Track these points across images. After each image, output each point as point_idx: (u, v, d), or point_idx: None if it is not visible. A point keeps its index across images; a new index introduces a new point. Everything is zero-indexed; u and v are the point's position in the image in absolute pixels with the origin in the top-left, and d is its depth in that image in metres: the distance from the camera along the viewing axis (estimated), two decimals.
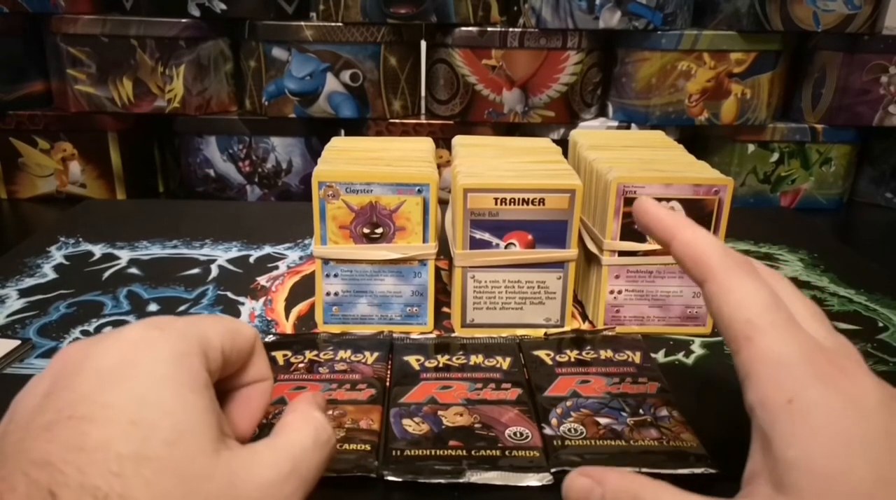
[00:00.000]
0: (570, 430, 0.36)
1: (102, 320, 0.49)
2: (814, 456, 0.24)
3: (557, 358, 0.44)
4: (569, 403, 0.39)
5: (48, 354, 0.45)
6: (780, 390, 0.25)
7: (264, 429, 0.29)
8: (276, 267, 0.59)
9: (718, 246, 0.30)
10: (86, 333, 0.48)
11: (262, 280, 0.57)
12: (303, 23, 0.75)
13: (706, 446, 0.35)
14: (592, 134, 0.57)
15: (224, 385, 0.29)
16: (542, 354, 0.44)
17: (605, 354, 0.44)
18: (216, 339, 0.26)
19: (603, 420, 0.37)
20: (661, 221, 0.32)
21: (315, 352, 0.44)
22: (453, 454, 0.35)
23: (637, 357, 0.44)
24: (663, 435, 0.36)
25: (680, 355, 0.46)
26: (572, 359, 0.44)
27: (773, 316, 0.27)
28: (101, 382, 0.23)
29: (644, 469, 0.34)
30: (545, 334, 0.47)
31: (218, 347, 0.26)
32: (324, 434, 0.27)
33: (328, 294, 0.48)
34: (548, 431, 0.36)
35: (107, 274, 0.57)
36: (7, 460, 0.22)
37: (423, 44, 0.81)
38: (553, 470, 0.34)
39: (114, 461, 0.21)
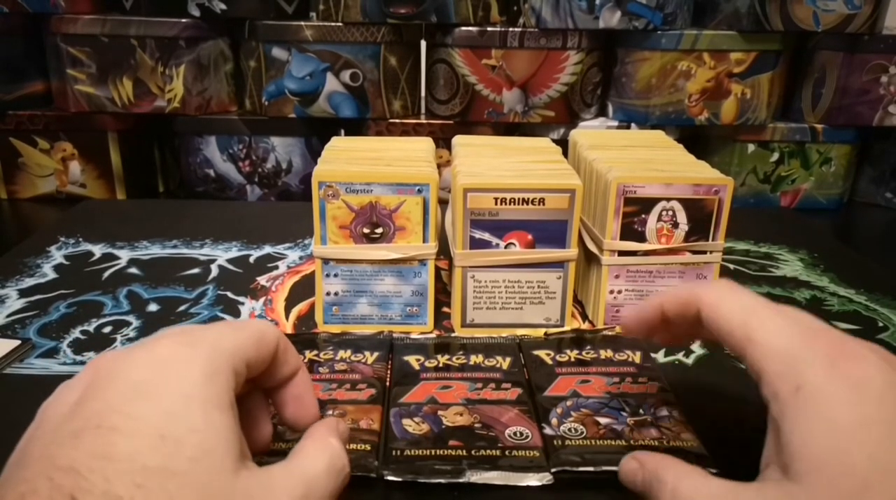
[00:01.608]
0: (570, 430, 0.36)
1: (102, 320, 0.49)
2: (814, 442, 0.24)
3: (557, 358, 0.44)
4: (569, 402, 0.39)
5: (48, 354, 0.45)
6: (788, 380, 0.26)
7: (278, 453, 0.29)
8: (276, 267, 0.59)
9: (697, 283, 0.33)
10: (86, 332, 0.48)
11: (262, 280, 0.57)
12: (303, 23, 0.75)
13: (706, 445, 0.35)
14: (592, 134, 0.57)
15: (260, 384, 0.30)
16: (542, 354, 0.44)
17: (605, 353, 0.44)
18: (243, 353, 0.27)
19: (603, 420, 0.37)
20: (644, 311, 0.34)
21: (315, 352, 0.44)
22: (453, 453, 0.35)
23: (637, 357, 0.44)
24: (663, 435, 0.36)
25: (680, 355, 0.46)
26: (572, 359, 0.44)
27: (764, 313, 0.28)
28: (131, 394, 0.23)
29: None
30: (545, 333, 0.47)
31: (244, 361, 0.27)
32: (338, 462, 0.27)
33: (328, 294, 0.48)
34: (548, 431, 0.36)
35: (107, 274, 0.57)
36: (32, 463, 0.22)
37: (423, 44, 0.81)
38: (553, 470, 0.34)
39: (139, 473, 0.21)
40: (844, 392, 0.25)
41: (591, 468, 0.34)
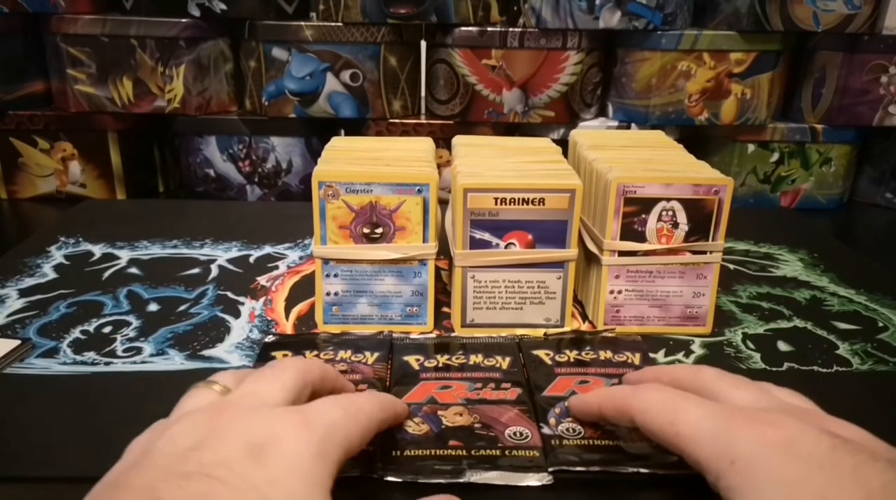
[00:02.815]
0: (568, 430, 0.36)
1: (102, 320, 0.49)
2: None
3: (557, 358, 0.44)
4: (567, 403, 0.39)
5: (48, 354, 0.45)
6: (722, 458, 0.27)
7: None
8: (276, 267, 0.59)
9: (627, 387, 0.35)
10: (86, 332, 0.48)
11: (262, 280, 0.57)
12: (303, 23, 0.75)
13: None
14: (592, 134, 0.57)
15: None
16: (541, 354, 0.44)
17: (605, 354, 0.44)
18: (350, 445, 0.29)
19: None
20: (587, 405, 0.36)
21: (315, 352, 0.44)
22: (453, 453, 0.35)
23: (636, 358, 0.44)
24: None
25: (680, 355, 0.46)
26: (572, 359, 0.44)
27: (685, 406, 0.30)
28: (245, 455, 0.25)
29: (641, 470, 0.34)
30: (545, 334, 0.47)
31: (349, 452, 0.29)
32: (351, 407, 0.29)
33: (328, 294, 0.48)
34: (546, 430, 0.36)
35: (107, 274, 0.57)
36: (132, 489, 0.24)
37: (423, 44, 0.81)
38: (551, 469, 0.34)
39: None
40: (775, 456, 0.26)
41: (588, 468, 0.34)
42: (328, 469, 0.27)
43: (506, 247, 0.46)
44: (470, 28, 0.76)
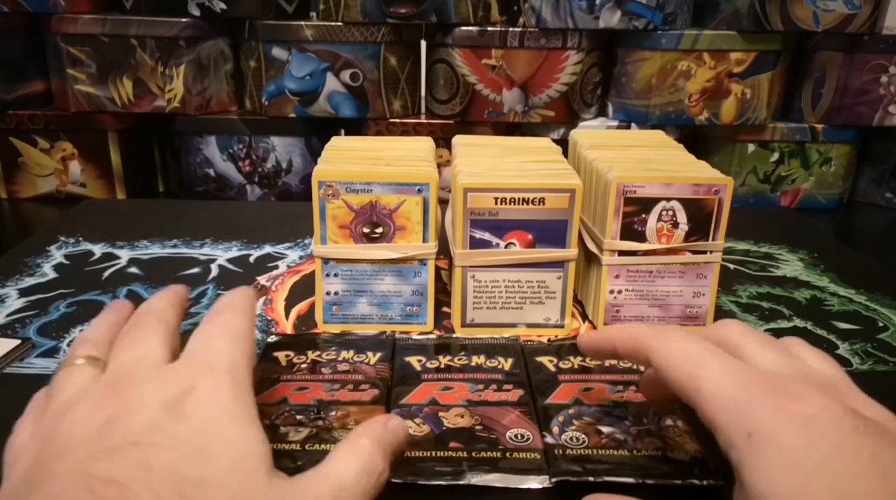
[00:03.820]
0: (571, 439, 0.36)
1: None
2: (777, 484, 0.25)
3: (560, 365, 0.43)
4: (571, 411, 0.38)
5: (48, 353, 0.45)
6: (739, 428, 0.26)
7: (307, 464, 0.29)
8: (276, 267, 0.59)
9: (649, 327, 0.33)
10: None
11: (262, 280, 0.57)
12: (303, 23, 0.75)
13: (711, 455, 0.35)
14: (592, 134, 0.57)
15: None
16: (544, 360, 0.44)
17: (609, 361, 0.44)
18: (250, 362, 0.29)
19: (605, 429, 0.37)
20: (601, 341, 0.35)
21: (318, 353, 0.44)
22: (454, 455, 0.34)
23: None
24: (667, 445, 0.35)
25: None
26: (575, 366, 0.43)
27: (709, 362, 0.28)
28: (165, 415, 0.25)
29: (647, 481, 0.33)
30: (548, 340, 0.47)
31: (251, 368, 0.29)
32: (370, 465, 0.27)
33: (328, 294, 0.48)
34: (549, 439, 0.36)
35: (107, 274, 0.57)
36: (61, 479, 0.23)
37: (423, 44, 0.81)
38: (553, 479, 0.33)
39: (180, 483, 0.23)
40: (795, 433, 0.25)
41: (591, 479, 0.33)
42: (248, 401, 0.27)
43: (506, 247, 0.46)
44: (470, 28, 0.76)
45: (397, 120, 0.81)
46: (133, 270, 0.58)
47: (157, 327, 0.31)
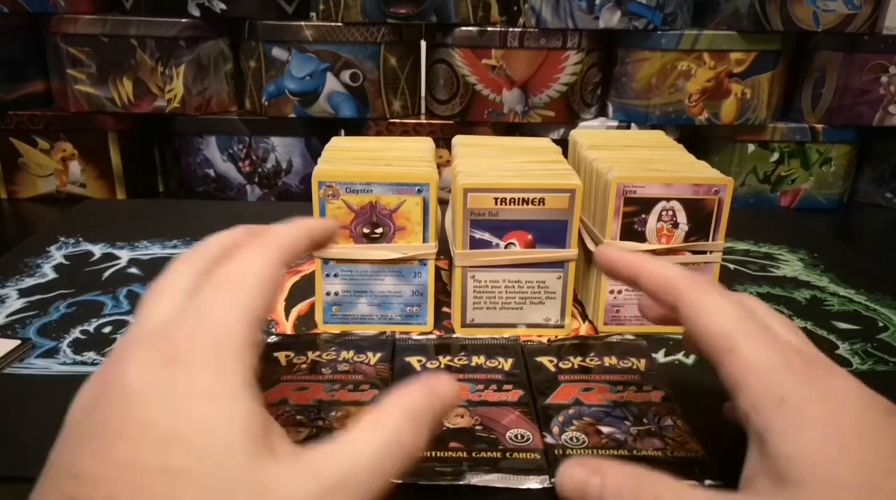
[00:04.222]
0: (571, 439, 0.36)
1: (102, 320, 0.49)
2: (810, 448, 0.25)
3: (560, 365, 0.43)
4: (571, 411, 0.38)
5: (48, 354, 0.45)
6: (771, 392, 0.26)
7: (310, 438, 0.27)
8: None
9: (683, 271, 0.31)
10: (86, 332, 0.48)
11: None
12: (303, 23, 0.75)
13: (711, 455, 0.35)
14: (592, 134, 0.57)
15: None
16: (544, 360, 0.44)
17: (609, 361, 0.44)
18: (258, 322, 0.25)
19: (605, 429, 0.37)
20: (624, 261, 0.33)
21: (318, 353, 0.44)
22: (454, 455, 0.34)
23: (641, 365, 0.43)
24: (667, 445, 0.35)
25: (680, 355, 0.46)
26: (575, 366, 0.43)
27: (748, 326, 0.28)
28: (134, 400, 0.23)
29: None
30: (548, 340, 0.47)
31: (260, 325, 0.25)
32: (394, 440, 0.24)
33: (328, 294, 0.48)
34: (549, 440, 0.36)
35: (107, 274, 0.57)
36: (47, 471, 0.23)
37: (423, 44, 0.81)
38: (554, 480, 0.33)
39: (141, 475, 0.21)
40: (827, 406, 0.26)
41: None
42: (236, 372, 0.24)
43: (506, 247, 0.46)
44: (470, 28, 0.76)
45: (397, 120, 0.81)
46: (133, 270, 0.58)
47: (203, 314, 0.26)
